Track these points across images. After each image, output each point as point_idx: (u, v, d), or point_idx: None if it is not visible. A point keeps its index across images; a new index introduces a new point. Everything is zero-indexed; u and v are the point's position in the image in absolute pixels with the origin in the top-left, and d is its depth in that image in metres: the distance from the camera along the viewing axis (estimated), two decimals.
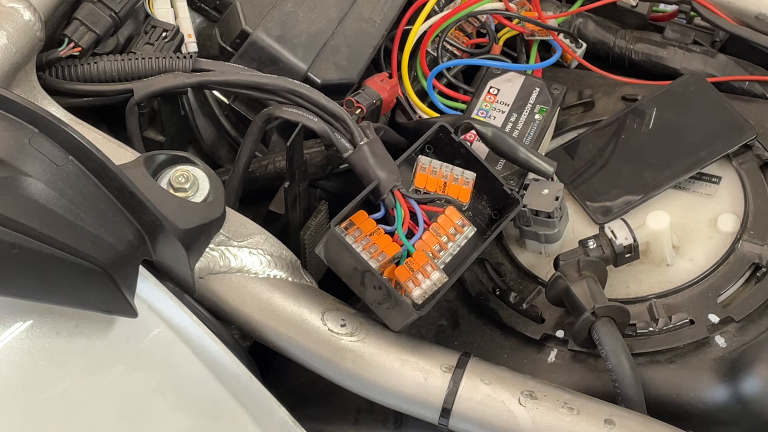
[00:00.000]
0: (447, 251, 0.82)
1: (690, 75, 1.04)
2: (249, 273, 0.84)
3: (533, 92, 1.01)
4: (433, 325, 0.94)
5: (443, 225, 0.82)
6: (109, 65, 0.94)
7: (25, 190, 0.68)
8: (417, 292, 0.79)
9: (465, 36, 1.09)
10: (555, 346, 0.90)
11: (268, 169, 1.04)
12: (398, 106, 1.05)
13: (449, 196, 0.85)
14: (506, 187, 0.87)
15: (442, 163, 0.86)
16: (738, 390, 0.84)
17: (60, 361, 0.74)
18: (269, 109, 0.90)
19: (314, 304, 0.83)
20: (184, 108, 1.04)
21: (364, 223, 0.81)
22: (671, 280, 0.91)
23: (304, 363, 0.83)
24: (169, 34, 0.98)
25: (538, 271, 0.94)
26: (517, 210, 0.86)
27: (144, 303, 0.76)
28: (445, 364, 0.81)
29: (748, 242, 0.91)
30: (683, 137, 0.99)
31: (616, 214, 0.95)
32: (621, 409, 0.80)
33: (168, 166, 0.79)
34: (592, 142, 1.01)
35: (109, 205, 0.71)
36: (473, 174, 0.86)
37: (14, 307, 0.74)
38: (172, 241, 0.74)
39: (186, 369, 0.77)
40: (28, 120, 0.70)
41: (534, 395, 0.79)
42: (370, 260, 0.79)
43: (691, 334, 0.88)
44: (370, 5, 1.04)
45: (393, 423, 0.91)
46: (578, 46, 1.13)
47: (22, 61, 0.88)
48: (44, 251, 0.68)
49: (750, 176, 0.96)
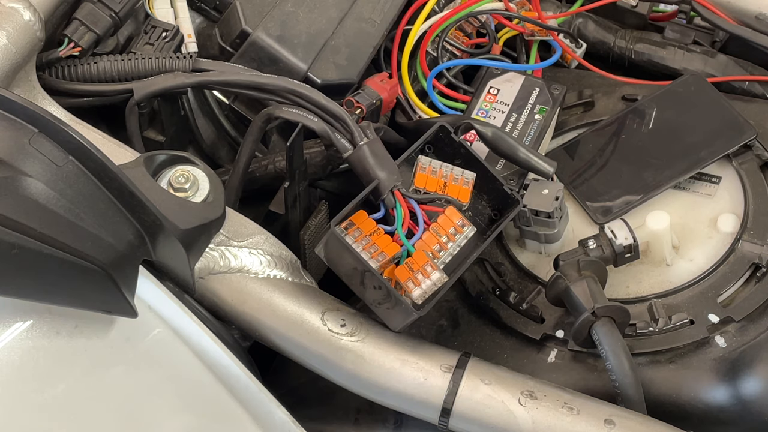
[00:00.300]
0: (447, 251, 0.82)
1: (690, 75, 1.04)
2: (249, 273, 0.84)
3: (533, 92, 1.01)
4: (433, 325, 0.94)
5: (443, 225, 0.82)
6: (109, 65, 0.94)
7: (25, 190, 0.68)
8: (417, 292, 0.79)
9: (465, 36, 1.09)
10: (555, 346, 0.90)
11: (268, 169, 1.04)
12: (398, 106, 1.05)
13: (449, 196, 0.85)
14: (506, 187, 0.87)
15: (442, 163, 0.86)
16: (738, 390, 0.84)
17: (60, 361, 0.74)
18: (269, 109, 0.90)
19: (314, 304, 0.83)
20: (184, 108, 1.04)
21: (364, 223, 0.81)
22: (671, 280, 0.91)
23: (304, 363, 0.83)
24: (169, 34, 0.98)
25: (538, 271, 0.94)
26: (517, 210, 0.86)
27: (144, 303, 0.76)
28: (445, 364, 0.80)
29: (748, 242, 0.91)
30: (683, 137, 0.99)
31: (616, 214, 0.95)
32: (621, 409, 0.80)
33: (168, 166, 0.79)
34: (592, 142, 1.01)
35: (109, 205, 0.71)
36: (473, 174, 0.86)
37: (14, 307, 0.74)
38: (172, 241, 0.74)
39: (186, 369, 0.77)
40: (28, 120, 0.70)
41: (534, 395, 0.79)
42: (370, 260, 0.79)
43: (691, 334, 0.88)
44: (370, 5, 1.04)
45: (393, 423, 0.91)
46: (578, 46, 1.13)
47: (22, 61, 0.88)
48: (44, 251, 0.68)
49: (750, 176, 0.96)
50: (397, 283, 0.80)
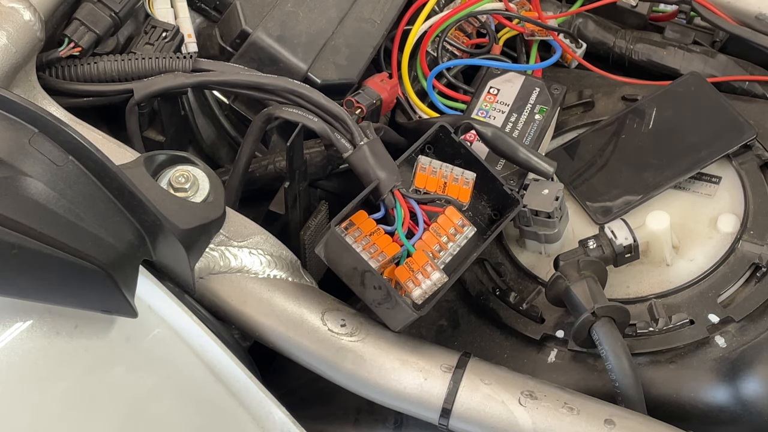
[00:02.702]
0: (447, 251, 0.82)
1: (690, 75, 1.04)
2: (249, 273, 0.84)
3: (533, 92, 1.01)
4: (433, 325, 0.94)
5: (443, 225, 0.82)
6: (109, 65, 0.94)
7: (25, 190, 0.68)
8: (417, 292, 0.79)
9: (465, 36, 1.09)
10: (555, 346, 0.90)
11: (268, 169, 1.04)
12: (398, 106, 1.05)
13: (449, 196, 0.85)
14: (506, 187, 0.87)
15: (442, 163, 0.86)
16: (738, 390, 0.84)
17: (60, 361, 0.74)
18: (269, 109, 0.90)
19: (314, 304, 0.83)
20: (184, 108, 1.04)
21: (364, 223, 0.81)
22: (671, 280, 0.91)
23: (304, 363, 0.83)
24: (169, 34, 0.98)
25: (538, 271, 0.94)
26: (517, 210, 0.86)
27: (144, 303, 0.77)
28: (445, 364, 0.80)
29: (748, 242, 0.91)
30: (683, 137, 0.99)
31: (616, 214, 0.95)
32: (621, 409, 0.80)
33: (168, 166, 0.79)
34: (592, 142, 1.01)
35: (109, 205, 0.71)
36: (473, 174, 0.87)
37: (14, 307, 0.74)
38: (172, 241, 0.74)
39: (186, 369, 0.77)
40: (28, 120, 0.70)
41: (534, 395, 0.79)
42: (370, 260, 0.79)
43: (691, 334, 0.88)
44: (370, 5, 1.04)
45: (393, 423, 0.91)
46: (578, 46, 1.13)
47: (22, 61, 0.88)
48: (44, 251, 0.68)
49: (750, 176, 0.96)
50: (397, 283, 0.80)
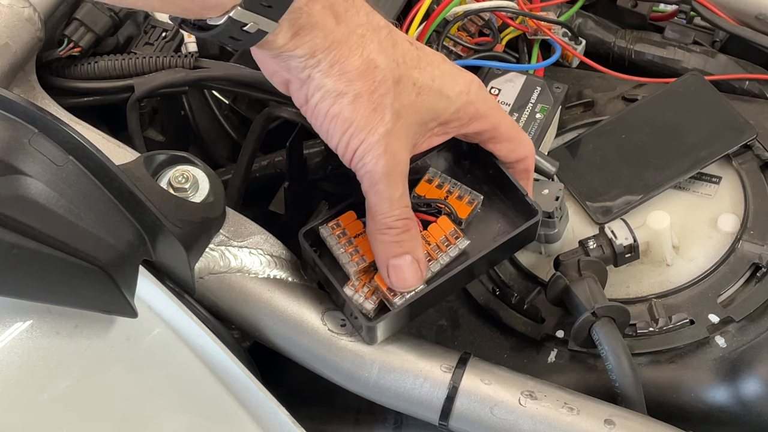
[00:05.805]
0: (436, 261, 0.80)
1: (690, 75, 1.04)
2: (249, 273, 0.84)
3: (534, 91, 1.01)
4: (433, 325, 0.94)
5: (433, 233, 0.80)
6: (109, 65, 0.94)
7: (25, 190, 0.68)
8: (398, 300, 0.78)
9: (468, 35, 1.09)
10: (555, 346, 0.90)
11: (268, 169, 1.04)
12: None
13: (447, 202, 0.82)
14: (528, 198, 0.82)
15: (449, 179, 0.83)
16: (738, 390, 0.84)
17: (60, 361, 0.74)
18: (269, 109, 0.90)
19: (314, 304, 0.83)
20: (184, 108, 1.04)
21: (350, 225, 0.81)
22: (671, 280, 0.91)
23: (304, 363, 0.83)
24: (169, 34, 0.98)
25: (538, 271, 0.94)
26: (534, 221, 0.82)
27: (144, 303, 0.76)
28: (445, 364, 0.80)
29: (748, 242, 0.91)
30: (683, 137, 0.99)
31: (616, 214, 0.95)
32: (621, 409, 0.80)
33: (168, 166, 0.78)
34: (592, 142, 1.01)
35: (109, 205, 0.71)
36: (480, 196, 0.83)
37: (14, 307, 0.74)
38: (171, 241, 0.74)
39: (186, 369, 0.77)
40: (28, 120, 0.69)
41: (534, 395, 0.79)
42: (348, 263, 0.79)
43: (691, 334, 0.88)
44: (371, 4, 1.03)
45: (393, 423, 0.91)
46: (578, 43, 1.13)
47: (22, 61, 0.88)
48: (44, 251, 0.68)
49: (750, 176, 0.96)
50: (377, 288, 0.79)
